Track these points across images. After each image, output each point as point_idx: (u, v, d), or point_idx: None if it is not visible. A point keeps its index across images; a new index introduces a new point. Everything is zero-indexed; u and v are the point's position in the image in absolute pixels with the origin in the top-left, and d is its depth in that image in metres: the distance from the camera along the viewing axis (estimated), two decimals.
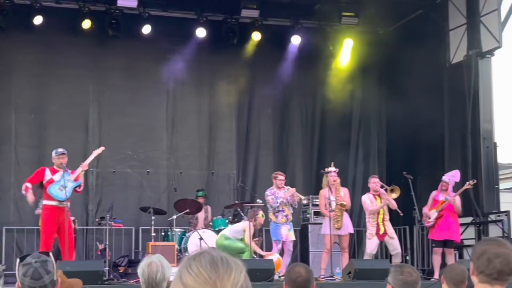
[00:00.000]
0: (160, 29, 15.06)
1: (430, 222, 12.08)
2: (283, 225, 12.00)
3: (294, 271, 4.17)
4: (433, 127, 15.04)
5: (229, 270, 1.71)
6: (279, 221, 12.01)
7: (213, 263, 1.72)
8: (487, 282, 3.00)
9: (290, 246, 12.11)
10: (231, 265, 1.73)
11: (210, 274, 1.70)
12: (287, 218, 12.03)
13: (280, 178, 12.17)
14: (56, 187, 10.43)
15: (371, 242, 11.98)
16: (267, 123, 16.17)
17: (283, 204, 11.99)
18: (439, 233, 12.03)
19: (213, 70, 15.82)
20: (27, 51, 14.60)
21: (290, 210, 12.13)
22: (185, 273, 1.72)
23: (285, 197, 11.96)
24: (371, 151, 16.46)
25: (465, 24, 14.31)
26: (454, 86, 14.52)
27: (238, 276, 1.71)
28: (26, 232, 13.88)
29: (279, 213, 12.02)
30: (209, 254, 1.75)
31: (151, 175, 15.14)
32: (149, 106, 15.44)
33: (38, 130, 14.61)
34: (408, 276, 4.14)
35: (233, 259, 1.76)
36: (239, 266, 1.75)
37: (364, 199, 12.19)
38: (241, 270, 1.74)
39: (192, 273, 1.71)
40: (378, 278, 10.38)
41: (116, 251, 13.92)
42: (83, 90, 15.05)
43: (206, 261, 1.73)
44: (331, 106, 16.22)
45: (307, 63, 15.88)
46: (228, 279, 1.70)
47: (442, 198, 12.14)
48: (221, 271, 1.71)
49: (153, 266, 4.00)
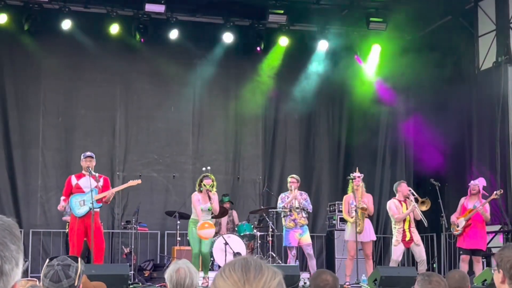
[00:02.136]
0: (187, 34, 15.13)
1: (458, 231, 11.95)
2: (292, 230, 11.92)
3: (321, 278, 4.12)
4: (462, 134, 14.91)
5: (261, 274, 1.72)
6: (287, 226, 11.99)
7: (246, 267, 1.74)
8: None
9: (308, 249, 11.99)
10: (264, 270, 1.74)
11: (240, 277, 1.71)
12: (295, 222, 11.92)
13: (289, 180, 12.13)
14: (78, 200, 10.46)
15: (397, 248, 11.87)
16: (294, 128, 16.13)
17: (292, 209, 11.92)
18: (467, 242, 11.89)
19: (239, 75, 15.83)
20: (55, 55, 14.71)
21: (300, 214, 11.97)
22: (218, 277, 1.76)
23: (286, 203, 11.90)
24: (398, 157, 16.33)
25: (495, 31, 14.17)
26: (483, 92, 14.38)
27: (270, 282, 1.71)
28: (52, 235, 13.97)
29: (287, 218, 12.00)
30: (244, 260, 1.78)
31: (177, 180, 15.18)
32: (176, 111, 15.48)
33: (66, 134, 14.71)
34: (437, 285, 4.08)
35: (269, 266, 1.77)
36: (274, 272, 1.75)
37: (389, 205, 12.06)
38: (274, 277, 1.74)
39: (224, 276, 1.74)
40: (404, 286, 10.27)
41: (142, 255, 13.96)
42: (111, 94, 15.14)
43: (239, 265, 1.75)
44: (358, 111, 16.14)
45: (333, 68, 15.82)
46: (258, 283, 1.70)
47: (471, 205, 11.99)
48: (252, 274, 1.72)
49: (181, 272, 3.99)
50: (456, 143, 14.90)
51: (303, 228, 12.00)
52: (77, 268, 3.33)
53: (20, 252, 1.71)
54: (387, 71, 16.09)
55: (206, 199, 11.25)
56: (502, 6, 14.03)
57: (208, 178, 11.32)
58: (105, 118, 15.07)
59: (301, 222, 11.97)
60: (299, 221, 11.94)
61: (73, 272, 3.31)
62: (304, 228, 12.03)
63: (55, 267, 3.34)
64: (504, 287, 3.01)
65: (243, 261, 1.76)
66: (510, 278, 2.96)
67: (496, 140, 13.85)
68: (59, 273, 3.31)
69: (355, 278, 11.61)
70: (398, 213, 11.86)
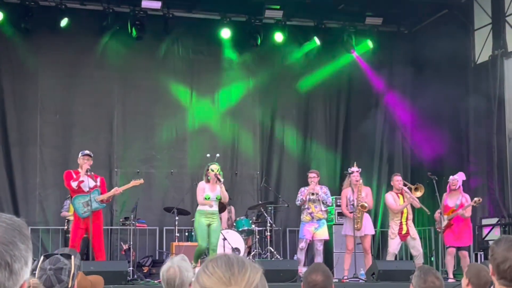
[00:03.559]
0: (184, 30, 15.15)
1: (441, 228, 11.97)
2: (307, 223, 11.93)
3: (311, 278, 4.09)
4: (458, 127, 14.95)
5: (244, 269, 1.74)
6: (303, 219, 12.01)
7: (229, 263, 1.75)
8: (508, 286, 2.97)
9: (318, 245, 11.99)
10: (247, 265, 1.76)
11: (225, 273, 1.73)
12: (311, 216, 11.92)
13: (310, 175, 12.14)
14: (81, 202, 10.51)
15: (394, 241, 11.94)
16: (291, 123, 16.15)
17: (309, 202, 11.93)
18: (453, 239, 11.92)
19: (236, 70, 15.83)
20: (52, 53, 14.71)
21: (318, 208, 11.94)
22: (201, 274, 1.76)
23: (304, 195, 11.91)
24: (396, 151, 16.36)
25: (490, 24, 14.20)
26: (479, 86, 14.40)
27: (253, 276, 1.74)
28: (51, 232, 14.00)
29: (304, 211, 12.01)
30: (226, 256, 1.79)
31: (175, 176, 15.20)
32: (173, 107, 15.49)
33: (63, 131, 14.72)
34: (431, 285, 4.10)
35: (250, 261, 1.79)
36: (255, 267, 1.77)
37: (387, 197, 12.15)
38: (257, 271, 1.76)
39: (208, 272, 1.75)
40: (402, 279, 10.32)
41: (140, 251, 13.98)
42: (108, 91, 15.14)
43: (222, 261, 1.76)
44: (355, 106, 16.18)
45: (330, 63, 15.84)
46: (243, 278, 1.72)
47: (452, 203, 11.96)
48: (236, 270, 1.73)
49: (170, 272, 4.02)
50: (453, 137, 14.94)
51: (320, 222, 11.96)
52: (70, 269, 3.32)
53: (29, 251, 1.75)
54: (383, 65, 16.12)
55: (213, 188, 11.03)
56: (498, 0, 14.04)
57: (214, 164, 11.16)
58: (102, 115, 15.08)
59: (318, 216, 11.95)
60: (316, 215, 11.93)
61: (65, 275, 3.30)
62: (321, 223, 11.98)
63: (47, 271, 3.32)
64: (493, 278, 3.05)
65: (225, 257, 1.77)
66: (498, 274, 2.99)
67: (493, 133, 13.88)
68: (51, 278, 3.29)
69: (353, 272, 11.65)
70: (396, 205, 11.93)
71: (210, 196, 10.97)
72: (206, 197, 10.96)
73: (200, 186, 11.14)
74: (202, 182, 11.17)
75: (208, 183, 11.05)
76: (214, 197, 11.00)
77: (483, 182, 13.89)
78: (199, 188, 11.13)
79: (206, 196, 10.96)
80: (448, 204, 11.98)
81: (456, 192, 11.95)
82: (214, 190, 11.01)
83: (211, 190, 11.01)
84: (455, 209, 11.86)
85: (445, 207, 12.00)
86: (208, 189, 11.01)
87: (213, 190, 11.01)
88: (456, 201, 11.91)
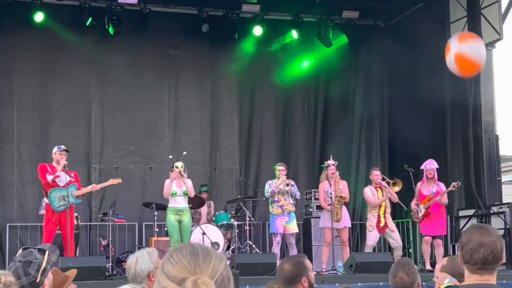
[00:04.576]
0: (161, 25, 15.12)
1: (418, 219, 12.06)
2: (279, 217, 11.95)
3: (280, 266, 4.19)
4: (435, 119, 15.06)
5: (209, 258, 1.77)
6: (274, 212, 11.99)
7: (193, 252, 1.78)
8: (475, 273, 3.00)
9: (290, 239, 12.04)
10: (212, 254, 1.79)
11: (190, 262, 1.75)
12: (282, 208, 11.94)
13: (279, 168, 12.16)
14: (58, 195, 10.49)
15: (372, 234, 12.02)
16: (270, 117, 16.19)
17: (279, 194, 11.95)
18: (429, 228, 12.03)
19: (214, 65, 15.84)
20: (29, 48, 14.64)
21: (288, 200, 11.99)
22: (166, 263, 1.78)
23: (275, 187, 11.93)
24: (374, 144, 16.46)
25: (466, 17, 14.28)
26: (456, 78, 14.46)
27: (218, 265, 1.76)
28: (29, 228, 13.94)
29: (274, 204, 12.01)
30: (191, 245, 1.81)
31: (154, 171, 15.17)
32: (152, 102, 15.48)
33: (41, 127, 14.65)
34: (399, 281, 4.17)
35: (215, 250, 1.81)
36: (220, 256, 1.80)
37: (366, 191, 12.22)
38: (221, 260, 1.79)
39: (173, 262, 1.77)
40: (380, 271, 10.42)
41: (120, 246, 13.96)
42: (86, 87, 15.09)
43: (186, 250, 1.79)
44: (334, 100, 16.24)
45: (308, 57, 15.89)
46: (208, 267, 1.74)
47: (428, 191, 12.07)
48: (201, 259, 1.76)
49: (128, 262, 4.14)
50: (430, 129, 15.05)
51: (290, 216, 11.99)
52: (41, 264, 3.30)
53: None
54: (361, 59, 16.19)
55: (180, 184, 11.38)
56: None
57: (178, 162, 11.52)
58: (80, 111, 15.02)
59: (288, 209, 11.97)
60: (286, 208, 11.95)
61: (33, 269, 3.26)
62: (291, 216, 12.01)
63: (16, 263, 3.31)
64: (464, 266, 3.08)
65: (190, 246, 1.80)
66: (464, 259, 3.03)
67: (469, 125, 13.99)
68: (18, 270, 3.25)
69: (332, 265, 11.71)
70: (374, 199, 12.02)
71: (176, 191, 11.35)
72: (173, 192, 11.35)
73: (166, 183, 11.51)
74: (168, 179, 11.52)
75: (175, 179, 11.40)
76: (181, 193, 11.38)
77: (459, 173, 14.00)
78: (165, 185, 11.50)
79: (173, 192, 11.35)
80: (424, 193, 12.09)
81: (431, 181, 12.08)
82: (180, 186, 11.38)
83: (177, 186, 11.37)
84: (431, 196, 11.99)
85: (420, 196, 12.11)
86: (175, 185, 11.36)
87: (179, 186, 11.38)
88: (432, 189, 12.05)
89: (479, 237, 2.98)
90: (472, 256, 2.96)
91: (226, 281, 1.76)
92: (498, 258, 3.00)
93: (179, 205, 11.38)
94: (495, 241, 2.99)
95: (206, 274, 1.73)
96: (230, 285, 1.77)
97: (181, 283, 1.71)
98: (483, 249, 2.95)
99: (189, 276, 1.72)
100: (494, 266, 2.98)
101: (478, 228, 3.10)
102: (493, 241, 2.98)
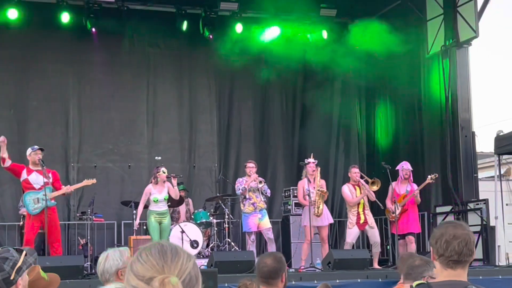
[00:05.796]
0: (139, 23, 15.07)
1: (394, 217, 12.15)
2: (251, 215, 11.94)
3: (261, 261, 4.19)
4: (413, 117, 15.16)
5: (177, 257, 1.78)
6: (246, 210, 11.97)
7: (162, 251, 1.79)
8: (449, 266, 3.02)
9: (269, 234, 12.03)
10: (180, 253, 1.80)
11: (158, 261, 1.77)
12: (254, 206, 11.94)
13: (249, 165, 12.18)
14: (32, 198, 10.45)
15: (352, 231, 12.08)
16: (248, 115, 16.21)
17: (250, 192, 11.96)
18: (400, 227, 12.13)
19: (193, 64, 15.83)
20: (4, 47, 14.51)
21: (259, 198, 11.99)
22: (135, 262, 1.80)
23: (247, 184, 11.94)
24: (352, 142, 16.54)
25: (442, 15, 14.39)
26: (432, 76, 14.63)
27: (186, 264, 1.78)
28: (7, 228, 13.85)
29: (246, 201, 12.00)
30: (159, 244, 1.82)
31: (132, 169, 15.15)
32: (130, 100, 15.43)
33: (18, 126, 14.54)
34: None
35: (184, 250, 1.83)
36: (188, 255, 1.81)
37: (344, 189, 12.27)
38: (190, 259, 1.80)
39: (141, 260, 1.78)
40: (358, 268, 10.49)
41: (98, 245, 13.87)
42: (63, 85, 15.00)
43: (155, 250, 1.80)
44: (312, 97, 16.27)
45: (286, 54, 15.88)
46: (176, 266, 1.76)
47: (403, 190, 12.20)
48: (169, 258, 1.77)
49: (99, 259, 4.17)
50: (407, 127, 15.15)
51: (262, 212, 12.00)
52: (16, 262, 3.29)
53: None
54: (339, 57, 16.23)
55: (161, 190, 11.51)
56: None
57: (162, 167, 11.65)
58: (58, 109, 14.94)
59: (260, 206, 11.98)
60: (258, 205, 11.95)
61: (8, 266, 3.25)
62: (263, 212, 12.03)
63: None
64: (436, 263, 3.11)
65: (159, 245, 1.81)
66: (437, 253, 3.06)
67: (445, 123, 14.11)
68: None
69: (310, 262, 11.75)
70: (352, 197, 12.07)
71: (158, 198, 11.51)
72: (155, 199, 11.48)
73: (146, 190, 11.64)
74: (149, 185, 11.65)
75: (156, 184, 11.53)
76: (162, 199, 11.54)
77: (436, 170, 14.10)
78: (146, 192, 11.61)
79: (154, 199, 11.48)
80: (399, 191, 12.21)
81: (406, 181, 12.26)
82: (161, 192, 11.54)
83: (158, 192, 11.53)
84: (406, 194, 12.11)
85: (395, 194, 12.22)
86: (156, 191, 11.52)
87: (160, 191, 11.54)
88: (407, 187, 12.20)
89: (453, 230, 3.02)
90: (447, 248, 2.98)
91: (194, 280, 1.78)
92: (472, 251, 3.04)
93: (160, 209, 11.55)
94: (468, 234, 3.03)
95: (174, 273, 1.75)
96: (198, 284, 1.79)
97: (149, 282, 1.73)
98: (458, 240, 2.98)
99: (157, 275, 1.73)
100: (468, 259, 3.02)
101: (450, 223, 3.15)
102: (467, 233, 3.02)
